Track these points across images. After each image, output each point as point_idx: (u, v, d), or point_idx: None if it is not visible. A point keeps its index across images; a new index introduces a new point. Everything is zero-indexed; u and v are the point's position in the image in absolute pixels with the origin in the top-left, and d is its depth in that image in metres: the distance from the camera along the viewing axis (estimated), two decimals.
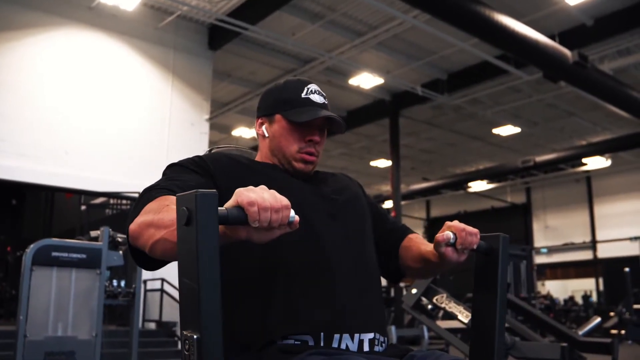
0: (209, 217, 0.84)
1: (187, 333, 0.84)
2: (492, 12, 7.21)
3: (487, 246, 1.25)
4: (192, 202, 0.83)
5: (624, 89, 9.68)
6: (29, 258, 3.51)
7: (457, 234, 1.18)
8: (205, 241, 0.83)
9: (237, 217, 0.87)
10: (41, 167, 7.66)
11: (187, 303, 0.86)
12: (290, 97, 1.33)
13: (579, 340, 2.85)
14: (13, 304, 8.62)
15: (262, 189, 0.90)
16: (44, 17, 8.07)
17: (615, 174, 16.90)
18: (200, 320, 0.82)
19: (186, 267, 0.86)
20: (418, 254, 1.32)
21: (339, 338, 1.12)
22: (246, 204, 0.87)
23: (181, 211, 0.85)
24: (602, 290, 17.13)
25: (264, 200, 0.87)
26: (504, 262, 1.24)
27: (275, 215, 0.88)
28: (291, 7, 8.57)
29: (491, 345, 1.22)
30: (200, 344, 0.82)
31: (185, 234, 0.85)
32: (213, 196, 0.84)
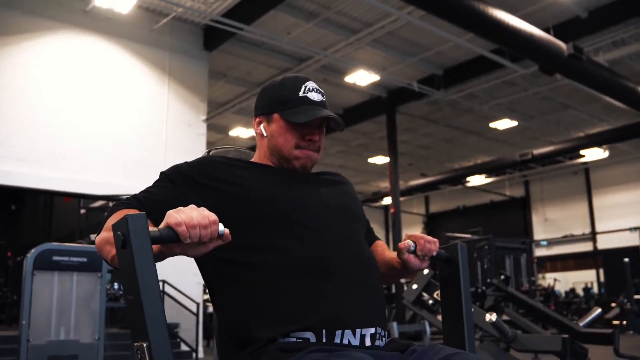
0: (141, 238, 0.91)
1: (138, 344, 0.91)
2: (486, 6, 7.21)
3: (447, 255, 1.35)
4: (125, 226, 0.90)
5: (620, 80, 9.70)
6: (30, 263, 3.52)
7: (417, 242, 1.29)
8: (141, 261, 0.90)
9: (168, 237, 0.95)
10: (39, 172, 7.66)
11: (134, 317, 0.93)
12: (287, 96, 1.32)
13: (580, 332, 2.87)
14: (15, 309, 8.62)
15: (191, 209, 0.97)
16: (39, 22, 8.06)
17: (613, 165, 16.93)
18: (146, 330, 0.89)
19: (128, 285, 0.93)
20: (383, 260, 1.40)
21: (340, 334, 1.13)
22: (174, 225, 0.94)
23: (117, 236, 0.92)
24: (602, 281, 17.17)
25: (191, 220, 0.95)
26: (464, 268, 1.33)
27: (204, 231, 0.96)
28: (286, 6, 8.57)
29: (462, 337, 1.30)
30: (150, 351, 0.89)
31: (123, 256, 0.92)
32: (142, 218, 0.92)
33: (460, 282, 1.32)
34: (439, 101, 12.11)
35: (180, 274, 8.01)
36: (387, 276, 1.42)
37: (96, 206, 10.15)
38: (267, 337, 1.12)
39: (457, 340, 1.30)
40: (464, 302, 1.31)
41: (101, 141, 8.30)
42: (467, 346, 1.28)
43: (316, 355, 1.04)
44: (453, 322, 1.33)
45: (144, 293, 0.90)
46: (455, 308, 1.33)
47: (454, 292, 1.33)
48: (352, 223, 1.32)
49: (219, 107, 12.12)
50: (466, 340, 1.29)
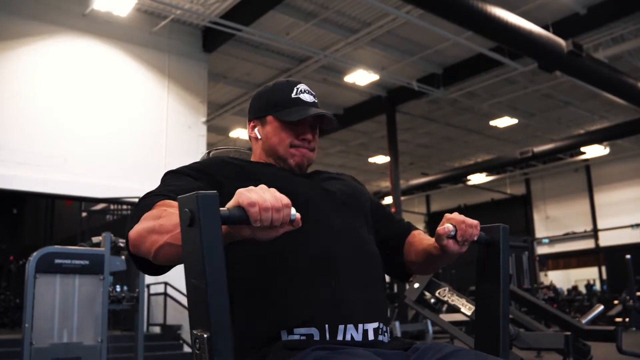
0: (212, 217, 0.85)
1: (197, 332, 0.86)
2: (484, 4, 7.21)
3: (487, 237, 1.26)
4: (194, 203, 0.84)
5: (620, 77, 9.69)
6: (32, 266, 3.52)
7: (457, 227, 1.20)
8: (209, 241, 0.84)
9: (238, 217, 0.88)
10: (40, 175, 7.67)
11: (195, 303, 0.87)
12: (280, 98, 1.35)
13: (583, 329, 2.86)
14: (17, 313, 8.63)
15: (263, 189, 0.91)
16: (38, 26, 8.07)
17: (614, 162, 16.92)
18: (209, 319, 0.84)
19: (192, 268, 0.87)
20: (421, 249, 1.34)
21: (343, 329, 1.13)
22: (247, 205, 0.87)
23: (184, 213, 0.86)
24: (605, 278, 17.15)
25: (264, 201, 0.88)
26: (505, 252, 1.25)
27: (276, 214, 0.89)
28: (284, 7, 8.57)
29: (496, 335, 1.22)
30: (211, 343, 0.83)
31: (189, 235, 0.86)
32: (214, 197, 0.85)
33: (500, 268, 1.24)
34: (439, 100, 12.11)
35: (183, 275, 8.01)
36: (427, 264, 1.36)
37: (97, 209, 10.15)
38: (270, 333, 1.12)
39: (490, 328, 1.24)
40: (502, 288, 1.23)
41: (102, 144, 8.31)
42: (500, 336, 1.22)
43: (319, 353, 1.04)
44: (487, 310, 1.26)
45: (210, 276, 0.84)
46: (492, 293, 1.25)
47: (492, 277, 1.25)
48: (356, 218, 1.31)
49: (218, 108, 12.13)
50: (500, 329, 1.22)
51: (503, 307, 1.23)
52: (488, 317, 1.25)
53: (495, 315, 1.23)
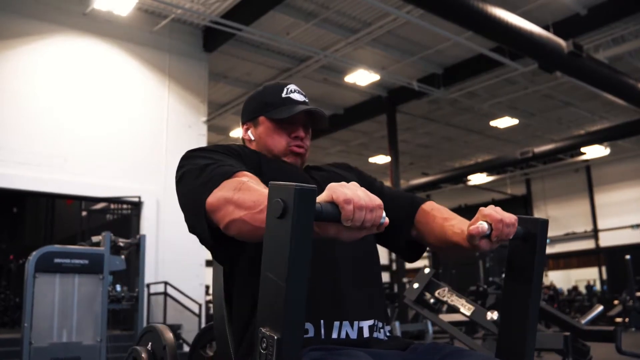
0: (306, 213, 0.79)
1: (266, 331, 0.81)
2: (485, 4, 7.21)
3: (523, 232, 1.14)
4: (290, 195, 0.79)
5: (620, 77, 9.69)
6: (32, 265, 3.52)
7: (494, 226, 1.09)
8: (299, 236, 0.79)
9: (330, 214, 0.83)
10: (41, 174, 7.67)
11: (269, 299, 0.82)
12: (270, 98, 1.37)
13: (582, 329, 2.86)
14: (17, 312, 8.63)
15: (356, 186, 0.87)
16: (38, 25, 8.07)
17: (615, 162, 16.92)
18: (283, 320, 0.78)
19: (273, 262, 0.81)
20: (442, 234, 1.25)
21: (338, 325, 1.13)
22: (342, 201, 0.83)
23: (275, 202, 0.80)
24: (605, 278, 17.15)
25: (359, 199, 0.84)
26: (542, 249, 1.14)
27: (369, 214, 0.85)
28: (285, 7, 8.57)
29: (522, 338, 1.13)
30: (281, 345, 0.78)
31: (277, 226, 0.81)
32: (312, 192, 0.80)
33: (534, 265, 1.13)
34: (439, 100, 12.11)
35: (183, 275, 8.03)
36: (449, 252, 1.28)
37: (97, 208, 10.15)
38: None
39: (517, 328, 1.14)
40: (534, 288, 1.13)
41: (102, 143, 8.31)
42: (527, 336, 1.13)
43: (316, 354, 1.04)
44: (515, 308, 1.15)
45: (292, 275, 0.78)
46: (522, 293, 1.14)
47: (524, 275, 1.14)
48: None
49: (219, 108, 12.13)
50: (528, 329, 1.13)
51: (533, 309, 1.13)
52: (515, 319, 1.15)
53: (523, 318, 1.13)
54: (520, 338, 1.13)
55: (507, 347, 1.16)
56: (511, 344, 1.15)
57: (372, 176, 1.51)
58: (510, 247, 1.18)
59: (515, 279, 1.17)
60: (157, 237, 7.93)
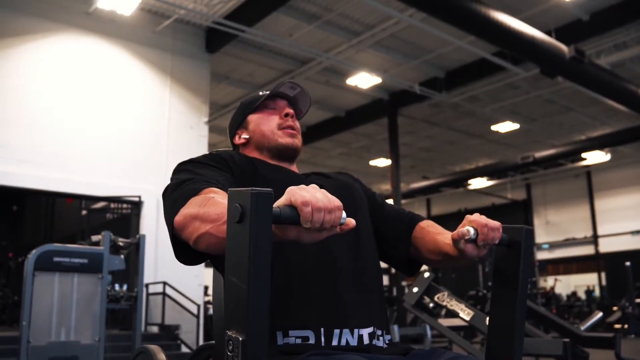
0: (264, 215, 0.81)
1: (232, 334, 0.82)
2: (488, 9, 7.22)
3: (508, 239, 1.19)
4: (247, 199, 0.81)
5: (622, 83, 9.69)
6: (31, 263, 3.52)
7: (479, 230, 1.13)
8: (258, 240, 0.80)
9: (289, 217, 0.84)
10: (41, 173, 7.67)
11: (233, 303, 0.83)
12: (251, 100, 1.46)
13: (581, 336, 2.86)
14: (15, 310, 8.63)
15: (315, 188, 0.88)
16: (42, 23, 8.08)
17: (615, 168, 16.91)
18: (247, 321, 0.80)
19: (235, 266, 0.83)
20: (434, 246, 1.29)
21: (339, 333, 1.13)
22: (300, 204, 0.84)
23: (234, 208, 0.82)
24: (604, 284, 17.13)
25: (317, 200, 0.85)
26: (527, 255, 1.19)
27: (328, 216, 0.85)
28: (288, 8, 8.58)
29: (510, 342, 1.17)
30: (245, 347, 0.80)
31: (236, 231, 0.82)
32: (269, 195, 0.82)
33: (519, 271, 1.17)
34: (441, 104, 12.11)
35: (181, 275, 8.02)
36: (441, 263, 1.32)
37: (98, 207, 10.15)
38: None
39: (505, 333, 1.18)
40: (520, 293, 1.17)
41: (103, 143, 8.31)
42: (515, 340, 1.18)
43: (315, 359, 1.04)
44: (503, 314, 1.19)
45: (253, 277, 0.80)
46: (508, 298, 1.18)
47: (510, 281, 1.19)
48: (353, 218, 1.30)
49: (220, 109, 12.13)
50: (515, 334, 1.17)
51: (519, 314, 1.17)
52: (503, 323, 1.19)
53: (511, 322, 1.17)
54: (508, 342, 1.17)
55: (496, 350, 1.20)
56: (500, 348, 1.19)
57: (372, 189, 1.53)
58: (497, 254, 1.22)
59: (502, 285, 1.21)
60: (157, 237, 7.93)
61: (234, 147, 1.47)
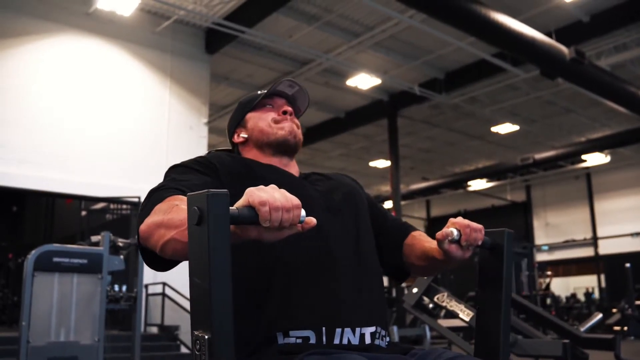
0: (221, 216, 0.83)
1: (198, 333, 0.84)
2: (488, 10, 7.22)
3: (491, 242, 1.23)
4: (204, 201, 0.83)
5: (622, 85, 9.70)
6: (31, 264, 3.51)
7: (462, 231, 1.17)
8: (217, 241, 0.83)
9: (248, 217, 0.86)
10: (41, 173, 7.67)
11: (198, 303, 0.86)
12: (249, 100, 1.45)
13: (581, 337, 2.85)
14: (15, 310, 8.62)
15: (273, 189, 0.90)
16: (41, 24, 8.08)
17: (615, 170, 16.91)
18: (211, 320, 0.82)
19: (197, 267, 0.85)
20: (422, 252, 1.32)
21: (340, 332, 1.13)
22: (257, 204, 0.86)
23: (192, 211, 0.85)
24: (604, 286, 17.12)
25: (275, 200, 0.86)
26: (509, 257, 1.23)
27: (286, 214, 0.87)
28: (287, 9, 8.58)
29: (496, 342, 1.21)
30: (212, 344, 0.82)
31: (196, 233, 0.85)
32: (224, 196, 0.84)
33: (503, 273, 1.22)
34: (441, 105, 12.11)
35: (181, 276, 7.99)
36: (428, 268, 1.35)
37: (97, 208, 10.15)
38: (267, 335, 1.11)
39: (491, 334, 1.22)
40: (504, 294, 1.21)
41: (103, 143, 8.31)
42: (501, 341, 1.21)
43: (313, 358, 1.04)
44: (488, 316, 1.23)
45: (214, 277, 0.82)
46: (493, 300, 1.22)
47: (494, 283, 1.23)
48: (355, 222, 1.31)
49: (220, 110, 12.13)
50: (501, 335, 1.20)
51: (505, 314, 1.21)
52: (489, 324, 1.23)
53: (496, 323, 1.21)
54: (495, 342, 1.21)
55: (484, 350, 1.24)
56: (487, 348, 1.23)
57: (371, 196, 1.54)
58: (480, 257, 1.27)
59: (487, 287, 1.26)
60: None
61: (233, 147, 1.47)
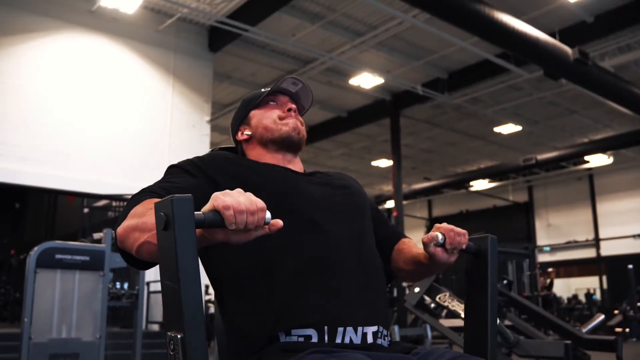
0: (186, 221, 0.86)
1: (171, 334, 0.87)
2: (492, 10, 7.21)
3: (476, 247, 1.28)
4: (169, 207, 0.86)
5: (625, 86, 9.67)
6: (33, 261, 3.52)
7: (446, 235, 1.21)
8: (183, 244, 0.86)
9: (213, 221, 0.89)
10: (43, 170, 7.68)
11: (169, 305, 0.89)
12: (253, 96, 1.45)
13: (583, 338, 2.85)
14: (17, 307, 8.64)
15: (239, 192, 0.92)
16: (45, 21, 8.09)
17: (618, 172, 16.88)
18: (182, 320, 0.85)
19: (167, 270, 0.88)
20: (410, 257, 1.35)
21: (342, 331, 1.13)
22: (222, 208, 0.89)
23: (159, 216, 0.88)
24: (605, 288, 17.09)
25: (239, 204, 0.89)
26: (493, 262, 1.28)
27: (251, 217, 0.90)
28: (291, 8, 8.58)
29: (484, 345, 1.25)
30: (184, 343, 0.85)
31: (164, 238, 0.88)
32: (188, 200, 0.87)
33: (488, 277, 1.26)
34: (443, 105, 12.10)
35: None
36: (415, 272, 1.38)
37: (100, 205, 10.16)
38: (268, 334, 1.11)
39: (479, 336, 1.26)
40: (490, 298, 1.26)
41: (105, 141, 8.32)
42: (489, 343, 1.25)
43: (315, 357, 1.04)
44: (476, 318, 1.28)
45: (183, 279, 0.85)
46: (480, 303, 1.27)
47: (480, 286, 1.28)
48: (358, 221, 1.31)
49: (223, 108, 12.14)
50: (489, 337, 1.24)
51: (491, 317, 1.25)
52: (477, 325, 1.27)
53: (484, 324, 1.25)
54: (483, 341, 1.26)
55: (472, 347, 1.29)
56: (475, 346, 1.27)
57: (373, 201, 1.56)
58: (467, 262, 1.32)
59: (474, 290, 1.31)
60: None
61: (237, 144, 1.46)
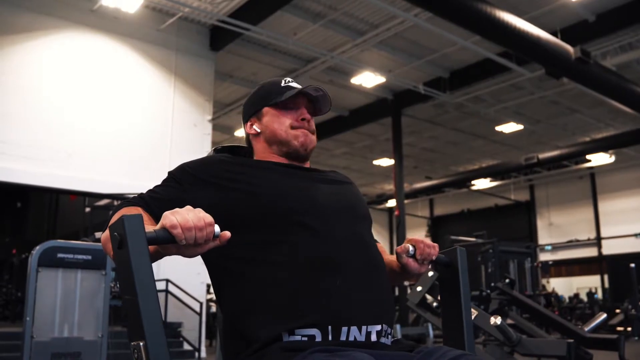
0: (137, 239, 0.92)
1: (135, 343, 0.92)
2: (493, 9, 7.20)
3: (446, 259, 1.36)
4: (121, 227, 0.92)
5: (627, 85, 9.66)
6: (35, 260, 3.52)
7: (417, 246, 1.31)
8: (137, 261, 0.91)
9: (164, 238, 0.96)
10: (45, 170, 7.68)
11: (131, 316, 0.93)
12: (270, 89, 1.41)
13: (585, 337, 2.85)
14: (19, 306, 8.66)
15: (187, 210, 0.97)
16: (46, 20, 8.09)
17: (619, 170, 16.86)
18: (143, 329, 0.90)
19: (125, 285, 0.94)
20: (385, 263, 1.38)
21: (346, 330, 1.12)
22: (169, 227, 0.95)
23: (114, 237, 0.94)
24: (607, 287, 17.08)
25: (187, 221, 0.95)
26: (464, 273, 1.35)
27: (199, 233, 0.96)
28: (292, 7, 8.57)
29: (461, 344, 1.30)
30: (147, 349, 0.90)
31: (120, 256, 0.93)
32: (138, 219, 0.92)
33: (460, 287, 1.33)
34: (445, 104, 12.09)
35: (184, 273, 8.03)
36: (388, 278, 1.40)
37: (101, 204, 10.17)
38: (271, 334, 1.11)
39: (457, 345, 1.30)
40: (464, 306, 1.33)
41: (107, 140, 8.32)
42: (466, 343, 1.30)
43: (319, 356, 1.03)
44: (453, 327, 1.34)
45: (140, 292, 0.91)
46: (454, 312, 1.34)
47: (453, 296, 1.35)
48: (359, 221, 1.31)
49: (224, 107, 12.14)
50: (466, 345, 1.30)
51: (466, 320, 1.32)
52: (453, 327, 1.35)
53: (459, 327, 1.32)
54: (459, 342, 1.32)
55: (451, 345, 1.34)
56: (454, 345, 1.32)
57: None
58: (440, 274, 1.41)
59: (448, 298, 1.38)
60: None
61: (247, 135, 1.46)
